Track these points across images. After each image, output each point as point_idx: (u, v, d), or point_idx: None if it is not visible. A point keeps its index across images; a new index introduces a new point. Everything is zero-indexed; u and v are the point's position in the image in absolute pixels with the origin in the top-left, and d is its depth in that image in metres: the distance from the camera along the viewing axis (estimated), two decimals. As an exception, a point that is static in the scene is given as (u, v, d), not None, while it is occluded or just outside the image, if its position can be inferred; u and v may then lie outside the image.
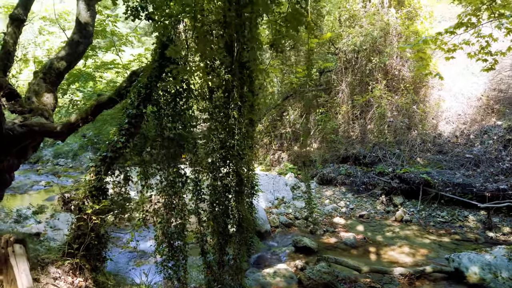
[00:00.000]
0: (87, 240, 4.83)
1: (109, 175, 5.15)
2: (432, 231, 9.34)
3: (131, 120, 5.21)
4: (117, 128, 5.19)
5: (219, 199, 6.30)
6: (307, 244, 8.30)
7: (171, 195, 5.69)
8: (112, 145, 5.07)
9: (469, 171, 10.28)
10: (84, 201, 4.97)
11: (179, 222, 5.81)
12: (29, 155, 6.68)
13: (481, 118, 11.67)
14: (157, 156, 5.66)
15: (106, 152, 5.08)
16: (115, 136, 5.15)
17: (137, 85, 5.32)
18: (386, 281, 6.97)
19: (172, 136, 5.55)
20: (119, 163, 5.18)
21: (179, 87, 5.51)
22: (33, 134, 6.14)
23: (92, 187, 4.97)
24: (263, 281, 6.94)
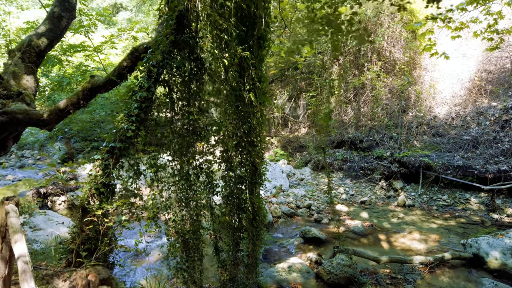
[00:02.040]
0: (101, 246, 4.10)
1: (117, 168, 4.40)
2: (437, 215, 9.15)
3: (141, 104, 4.46)
4: (124, 114, 4.43)
5: (234, 192, 5.72)
6: (316, 235, 7.86)
7: (186, 189, 5.01)
8: (120, 134, 4.31)
9: (468, 153, 10.15)
10: (89, 201, 4.21)
11: (194, 219, 5.15)
12: (10, 147, 5.76)
13: (474, 99, 11.58)
14: (169, 146, 4.95)
15: (113, 142, 4.31)
16: (122, 123, 4.39)
17: (146, 63, 4.55)
18: (407, 270, 6.65)
19: (187, 122, 4.86)
20: (130, 154, 4.43)
21: (193, 66, 4.80)
22: (16, 124, 5.25)
23: (100, 183, 4.21)
24: (279, 277, 6.43)
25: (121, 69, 5.23)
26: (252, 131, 5.71)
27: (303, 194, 10.00)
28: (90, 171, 4.34)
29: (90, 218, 4.04)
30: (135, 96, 4.55)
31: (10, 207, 2.75)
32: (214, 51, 4.95)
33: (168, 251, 5.22)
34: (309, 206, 9.38)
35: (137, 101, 4.47)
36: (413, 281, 6.35)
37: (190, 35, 4.53)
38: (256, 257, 6.06)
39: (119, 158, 4.39)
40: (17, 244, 2.38)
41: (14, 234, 2.47)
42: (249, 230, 5.91)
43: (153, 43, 5.24)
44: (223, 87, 5.12)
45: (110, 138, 4.37)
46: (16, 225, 2.58)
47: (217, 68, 5.07)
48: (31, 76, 5.97)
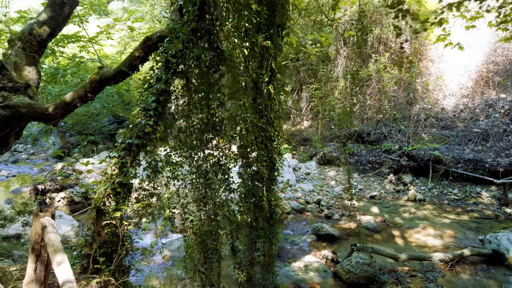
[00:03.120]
0: (120, 251, 3.79)
1: (133, 167, 4.07)
2: (449, 210, 8.97)
3: (158, 97, 4.13)
4: (140, 108, 4.09)
5: (252, 189, 5.44)
6: (329, 232, 7.62)
7: (205, 188, 4.71)
8: (138, 130, 3.98)
9: (478, 146, 9.98)
10: (105, 201, 3.88)
11: (213, 219, 4.86)
12: (12, 143, 5.39)
13: (481, 90, 11.39)
14: (186, 142, 4.63)
15: (130, 138, 3.98)
16: (138, 117, 4.06)
17: (163, 53, 4.21)
18: (427, 268, 6.45)
19: (206, 116, 4.54)
20: (148, 151, 4.11)
21: (213, 56, 4.47)
22: (20, 118, 4.89)
23: (117, 183, 3.88)
24: (296, 277, 6.19)
25: (132, 59, 4.88)
26: (269, 124, 5.44)
27: (311, 189, 9.75)
28: (105, 169, 4.01)
29: (109, 221, 3.72)
30: (151, 88, 4.22)
31: (48, 221, 2.40)
32: (234, 40, 4.63)
33: (186, 252, 4.94)
34: (318, 202, 9.14)
35: (154, 94, 4.14)
36: (434, 279, 6.15)
37: (211, 22, 4.20)
38: (273, 256, 5.80)
39: (136, 156, 4.07)
40: (61, 267, 2.05)
41: (55, 254, 2.14)
42: (265, 229, 5.65)
43: (167, 31, 4.91)
44: (243, 79, 4.81)
45: (126, 134, 4.04)
46: (57, 243, 2.25)
47: (236, 58, 4.75)
48: (32, 67, 5.59)
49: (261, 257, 5.67)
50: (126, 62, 4.93)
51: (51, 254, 2.17)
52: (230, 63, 4.70)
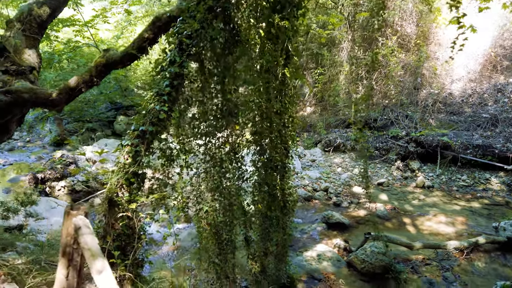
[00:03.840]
0: (135, 244, 3.58)
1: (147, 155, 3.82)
2: (458, 197, 8.84)
3: (172, 81, 3.86)
4: (153, 93, 3.83)
5: (266, 178, 5.23)
6: (339, 220, 7.47)
7: (221, 176, 4.49)
8: (151, 116, 3.72)
9: (487, 132, 9.81)
10: (117, 193, 3.64)
11: (228, 209, 4.65)
12: (13, 131, 5.12)
13: (489, 75, 11.18)
14: (200, 128, 4.39)
15: (143, 125, 3.73)
16: (151, 103, 3.79)
17: (176, 33, 3.93)
18: (442, 256, 6.32)
19: (221, 101, 4.30)
20: (162, 139, 3.86)
21: (229, 37, 4.20)
22: (22, 104, 4.61)
23: (130, 172, 3.64)
24: (309, 267, 6.03)
25: (141, 41, 4.59)
26: (284, 110, 5.20)
27: (318, 177, 9.57)
28: (117, 158, 3.76)
29: (125, 213, 3.49)
30: (164, 72, 3.95)
31: (82, 221, 2.15)
32: (250, 20, 4.37)
33: (200, 243, 4.74)
34: (326, 189, 8.96)
35: (168, 78, 3.87)
36: (451, 268, 6.02)
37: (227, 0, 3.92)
38: (286, 246, 5.64)
39: (150, 144, 3.82)
40: (103, 276, 1.79)
41: (93, 260, 1.88)
42: (279, 218, 5.47)
43: (177, 11, 4.62)
44: (260, 61, 4.55)
45: (139, 121, 3.78)
46: (95, 247, 1.99)
47: (252, 39, 4.49)
48: (33, 50, 5.27)
49: (274, 247, 5.50)
50: (135, 44, 4.64)
51: (88, 260, 1.92)
52: (246, 44, 4.44)
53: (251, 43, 4.42)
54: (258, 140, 4.94)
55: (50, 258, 4.96)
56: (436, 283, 5.66)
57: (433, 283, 5.65)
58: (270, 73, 4.83)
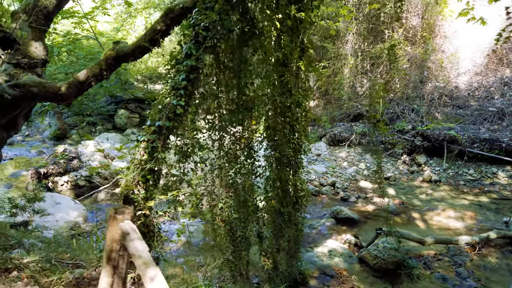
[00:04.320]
0: (153, 243, 3.49)
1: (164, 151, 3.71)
2: (466, 191, 8.79)
3: (188, 75, 3.74)
4: (169, 88, 3.71)
5: (280, 173, 5.14)
6: (348, 215, 7.40)
7: (236, 173, 4.39)
8: (168, 111, 3.60)
9: (494, 126, 9.75)
10: (133, 190, 3.53)
11: (243, 206, 4.56)
12: (21, 125, 4.98)
13: (495, 68, 11.09)
14: (215, 123, 4.28)
15: (159, 120, 3.61)
16: (167, 97, 3.67)
17: (192, 25, 3.81)
18: (454, 252, 6.27)
19: (237, 95, 4.19)
20: (179, 134, 3.75)
21: (245, 28, 4.08)
22: (31, 98, 4.47)
23: (146, 169, 3.53)
24: (320, 263, 5.97)
25: (153, 33, 4.44)
26: (298, 104, 5.10)
27: (324, 171, 9.49)
28: (133, 155, 3.65)
29: (140, 211, 3.40)
30: (179, 65, 3.82)
31: (129, 226, 2.02)
32: (266, 11, 4.24)
33: (214, 240, 4.66)
34: (333, 184, 8.89)
35: (184, 72, 3.75)
36: (463, 263, 5.97)
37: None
38: (299, 242, 5.56)
39: (166, 139, 3.71)
40: (155, 285, 1.67)
41: (146, 268, 1.74)
42: (291, 214, 5.39)
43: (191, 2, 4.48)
44: (276, 54, 4.44)
45: (155, 116, 3.66)
46: (146, 254, 1.85)
47: (267, 31, 4.36)
48: (39, 43, 5.11)
49: (286, 243, 5.43)
50: (146, 36, 4.50)
51: (140, 267, 1.81)
52: (262, 37, 4.32)
53: (267, 35, 4.30)
54: (272, 135, 4.84)
55: (59, 255, 4.85)
56: (450, 279, 5.61)
57: (447, 279, 5.59)
58: (285, 66, 4.73)
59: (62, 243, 6.14)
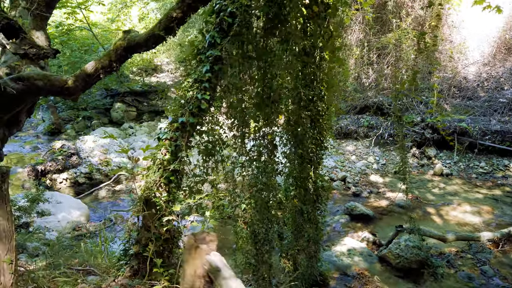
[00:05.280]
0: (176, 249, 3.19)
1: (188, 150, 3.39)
2: (479, 184, 8.59)
3: (212, 66, 3.41)
4: (192, 80, 3.37)
5: (303, 171, 4.86)
6: (363, 211, 7.16)
7: (261, 172, 4.08)
8: (192, 106, 3.27)
9: (504, 117, 9.55)
10: (155, 193, 3.21)
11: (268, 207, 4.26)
12: (24, 122, 4.61)
13: (504, 58, 10.87)
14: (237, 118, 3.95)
15: (182, 116, 3.29)
16: (190, 91, 3.34)
17: (215, 11, 3.47)
18: (476, 249, 6.05)
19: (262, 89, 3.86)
20: (202, 131, 3.44)
21: (273, 15, 3.74)
22: (36, 92, 4.11)
23: (170, 170, 3.21)
24: (340, 263, 5.71)
25: (168, 21, 4.06)
26: (320, 97, 4.80)
27: (333, 165, 9.23)
28: (154, 153, 3.32)
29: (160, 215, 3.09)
30: (202, 55, 3.49)
31: (219, 259, 1.66)
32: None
33: (236, 244, 4.37)
34: (343, 179, 8.63)
35: (207, 62, 3.41)
36: (487, 261, 5.76)
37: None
38: (319, 242, 5.29)
39: (190, 137, 3.39)
40: None
41: None
42: (311, 214, 5.12)
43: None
44: (302, 43, 4.13)
45: (177, 111, 3.34)
46: None
47: (293, 18, 4.04)
48: (41, 32, 4.72)
49: (306, 243, 5.17)
50: (161, 24, 4.12)
51: None
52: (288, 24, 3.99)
53: (293, 22, 3.98)
54: (293, 130, 4.55)
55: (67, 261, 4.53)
56: (476, 277, 5.40)
57: (472, 278, 5.38)
58: (310, 56, 4.43)
59: (67, 246, 5.81)
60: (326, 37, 4.45)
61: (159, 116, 15.90)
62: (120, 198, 9.05)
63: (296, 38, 3.96)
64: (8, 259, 2.07)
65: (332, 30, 4.45)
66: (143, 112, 15.90)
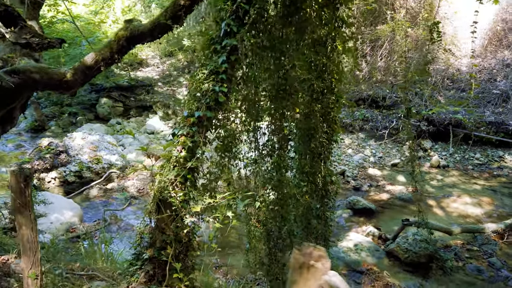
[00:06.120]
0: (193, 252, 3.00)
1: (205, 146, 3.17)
2: (476, 176, 8.63)
3: (228, 56, 3.19)
4: (207, 72, 3.15)
5: (315, 166, 4.71)
6: (366, 206, 7.07)
7: (277, 168, 3.90)
8: (209, 99, 3.05)
9: (498, 108, 9.61)
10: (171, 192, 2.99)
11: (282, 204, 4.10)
12: (17, 118, 4.32)
13: (495, 50, 10.94)
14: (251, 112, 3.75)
15: (198, 110, 3.06)
16: (206, 83, 3.12)
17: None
18: (482, 241, 6.04)
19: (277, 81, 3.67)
20: (219, 126, 3.22)
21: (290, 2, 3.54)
22: (32, 86, 3.83)
23: (186, 167, 2.99)
24: (348, 259, 5.60)
25: (176, 9, 3.83)
26: (330, 90, 4.64)
27: (333, 159, 9.10)
28: (168, 151, 3.09)
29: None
30: (216, 45, 3.26)
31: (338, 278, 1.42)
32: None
33: (249, 244, 4.18)
34: (343, 173, 8.53)
35: (223, 53, 3.19)
36: (494, 252, 5.74)
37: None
38: (327, 239, 5.16)
39: (206, 132, 3.17)
40: None
41: None
42: (320, 210, 4.99)
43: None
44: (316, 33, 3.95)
45: (192, 105, 3.10)
46: None
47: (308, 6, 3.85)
48: (34, 22, 4.41)
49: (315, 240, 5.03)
50: (167, 12, 3.89)
51: None
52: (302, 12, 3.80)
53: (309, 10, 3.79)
54: (306, 124, 4.38)
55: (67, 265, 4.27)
56: (485, 270, 5.36)
57: (482, 271, 5.34)
58: (322, 46, 4.26)
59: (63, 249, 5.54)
60: (339, 25, 4.28)
61: (146, 111, 15.51)
62: (112, 197, 8.73)
63: (313, 26, 3.78)
64: (33, 273, 1.85)
65: (344, 19, 4.28)
66: (130, 108, 15.46)
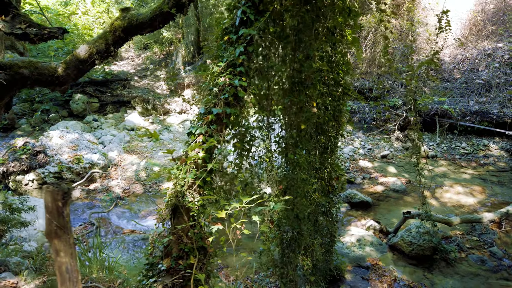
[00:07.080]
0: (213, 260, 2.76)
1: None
2: (464, 165, 8.73)
3: (246, 47, 2.94)
4: (224, 64, 2.89)
5: (325, 161, 4.57)
6: (363, 199, 6.99)
7: (293, 166, 3.69)
8: (228, 93, 2.80)
9: (482, 98, 9.75)
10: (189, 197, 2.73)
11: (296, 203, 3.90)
12: (1, 117, 3.91)
13: (475, 40, 11.11)
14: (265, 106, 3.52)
15: (215, 106, 2.81)
16: (222, 76, 2.86)
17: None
18: (481, 231, 6.07)
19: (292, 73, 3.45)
20: (239, 123, 2.98)
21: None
22: (22, 82, 3.45)
23: (206, 169, 2.74)
24: (353, 254, 5.49)
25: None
26: (338, 82, 4.49)
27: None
28: (184, 151, 2.82)
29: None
30: (231, 35, 3.01)
31: None
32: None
33: (264, 244, 3.97)
34: (335, 165, 8.42)
35: (241, 44, 2.94)
36: (493, 242, 5.78)
37: None
38: (334, 235, 5.02)
39: (225, 130, 2.92)
40: None
41: None
42: (326, 206, 4.86)
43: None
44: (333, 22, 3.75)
45: (209, 101, 2.84)
46: None
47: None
48: (16, 12, 3.99)
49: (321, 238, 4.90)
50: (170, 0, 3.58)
51: None
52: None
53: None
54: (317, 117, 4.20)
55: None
56: (488, 259, 5.37)
57: (485, 261, 5.35)
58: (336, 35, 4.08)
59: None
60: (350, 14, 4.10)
61: (124, 106, 14.91)
62: (96, 198, 8.29)
63: (328, 14, 3.57)
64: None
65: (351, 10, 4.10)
66: (106, 103, 14.80)
